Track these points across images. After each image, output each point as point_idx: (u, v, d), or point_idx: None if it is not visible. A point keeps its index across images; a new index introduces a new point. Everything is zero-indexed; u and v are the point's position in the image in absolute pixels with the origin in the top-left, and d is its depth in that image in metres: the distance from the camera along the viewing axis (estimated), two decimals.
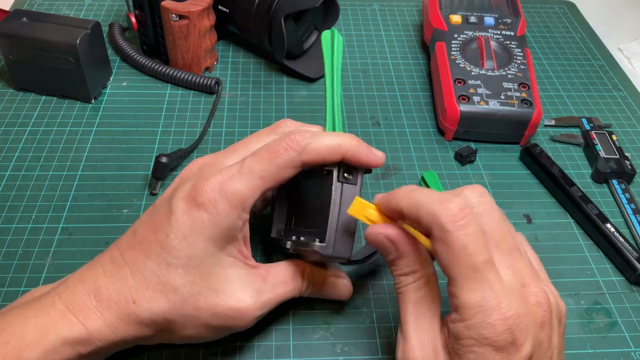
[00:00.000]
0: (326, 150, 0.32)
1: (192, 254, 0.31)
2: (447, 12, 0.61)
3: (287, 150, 0.32)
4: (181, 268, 0.31)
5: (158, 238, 0.31)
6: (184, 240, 0.31)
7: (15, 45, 0.51)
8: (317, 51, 0.61)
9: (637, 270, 0.42)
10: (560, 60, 0.65)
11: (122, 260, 0.32)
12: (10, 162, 0.49)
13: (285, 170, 0.32)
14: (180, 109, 0.55)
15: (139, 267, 0.31)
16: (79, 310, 0.30)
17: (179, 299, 0.31)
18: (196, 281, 0.31)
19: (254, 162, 0.32)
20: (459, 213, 0.27)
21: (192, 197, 0.31)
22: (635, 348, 0.39)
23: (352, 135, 0.34)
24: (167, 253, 0.31)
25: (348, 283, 0.38)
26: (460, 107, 0.51)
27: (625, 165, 0.50)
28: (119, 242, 0.33)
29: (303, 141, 0.32)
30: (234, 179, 0.31)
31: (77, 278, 0.32)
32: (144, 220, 0.33)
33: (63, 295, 0.31)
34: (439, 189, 0.48)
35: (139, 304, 0.31)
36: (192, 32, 0.55)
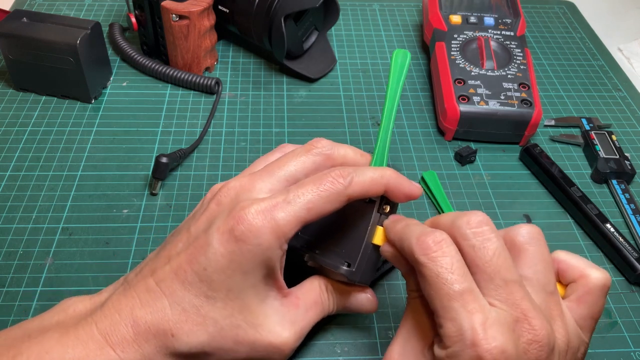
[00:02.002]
0: (370, 185, 0.32)
1: (231, 286, 0.30)
2: (447, 12, 0.61)
3: (334, 185, 0.31)
4: (220, 301, 0.30)
5: (195, 270, 0.30)
6: (222, 273, 0.30)
7: (15, 45, 0.51)
8: (317, 51, 0.61)
9: (637, 270, 0.42)
10: (560, 60, 0.65)
11: (158, 290, 0.30)
12: (11, 162, 0.49)
13: (331, 203, 0.31)
14: (180, 109, 0.55)
15: (177, 299, 0.30)
16: (117, 343, 0.29)
17: (218, 333, 0.30)
18: (235, 314, 0.31)
19: (300, 193, 0.31)
20: (433, 246, 0.28)
21: (231, 227, 0.30)
22: (635, 348, 0.39)
23: (392, 169, 0.34)
24: (206, 286, 0.30)
25: (372, 297, 0.37)
26: (460, 107, 0.51)
27: (625, 165, 0.50)
28: (152, 269, 0.32)
29: (348, 176, 0.32)
30: (279, 209, 0.30)
31: (113, 306, 0.30)
32: (178, 248, 0.32)
33: (100, 325, 0.30)
34: (439, 189, 0.48)
35: (178, 337, 0.30)
36: (192, 32, 0.55)
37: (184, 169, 0.49)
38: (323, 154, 0.34)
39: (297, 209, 0.30)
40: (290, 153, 0.35)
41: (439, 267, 0.28)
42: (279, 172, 0.33)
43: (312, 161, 0.34)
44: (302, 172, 0.33)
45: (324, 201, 0.31)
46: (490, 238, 0.29)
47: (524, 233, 0.30)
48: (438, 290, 0.27)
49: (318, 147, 0.34)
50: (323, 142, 0.35)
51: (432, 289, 0.28)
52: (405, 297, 0.41)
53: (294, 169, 0.33)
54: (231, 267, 0.30)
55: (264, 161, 0.36)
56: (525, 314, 0.27)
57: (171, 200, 0.46)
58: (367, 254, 0.34)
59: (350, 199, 0.32)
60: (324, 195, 0.31)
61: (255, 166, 0.36)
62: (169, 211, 0.45)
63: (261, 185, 0.32)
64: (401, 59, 0.38)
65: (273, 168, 0.33)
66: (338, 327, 0.39)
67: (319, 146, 0.35)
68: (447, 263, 0.28)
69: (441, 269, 0.27)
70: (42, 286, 0.40)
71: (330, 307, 0.36)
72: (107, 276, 0.41)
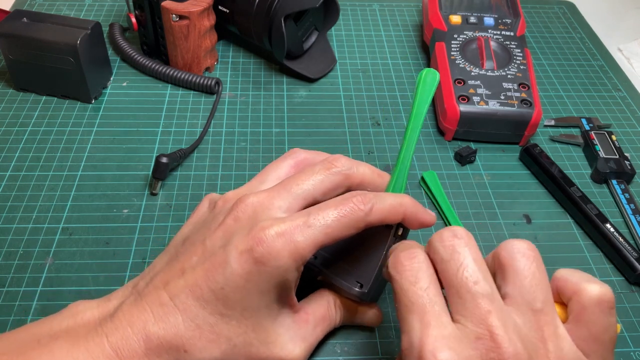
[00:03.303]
0: (389, 213, 0.32)
1: (247, 306, 0.30)
2: (447, 12, 0.61)
3: (355, 211, 0.31)
4: (235, 320, 0.30)
5: (212, 288, 0.30)
6: (238, 293, 0.30)
7: (16, 46, 0.51)
8: (317, 51, 0.61)
9: (637, 270, 0.42)
10: (560, 60, 0.65)
11: (172, 305, 0.30)
12: (11, 162, 0.49)
13: (349, 229, 0.31)
14: (181, 109, 0.55)
15: (191, 315, 0.30)
16: (128, 358, 0.29)
17: (231, 350, 0.30)
18: (248, 332, 0.31)
19: (321, 217, 0.31)
20: (404, 261, 0.28)
21: (251, 248, 0.29)
22: (635, 348, 0.39)
23: (410, 197, 0.34)
24: (222, 305, 0.30)
25: (378, 312, 0.37)
26: (460, 107, 0.51)
27: (625, 165, 0.50)
28: (164, 280, 0.31)
29: (369, 203, 0.31)
30: (298, 232, 0.30)
31: (125, 318, 0.30)
32: (193, 262, 0.31)
33: (111, 338, 0.29)
34: (439, 189, 0.48)
35: (191, 353, 0.30)
36: (192, 33, 0.55)
37: (184, 169, 0.49)
38: (342, 174, 0.34)
39: (316, 233, 0.30)
40: (308, 170, 0.34)
41: (404, 279, 0.28)
42: (297, 190, 0.32)
43: (330, 181, 0.33)
44: (321, 191, 0.33)
45: (344, 227, 0.31)
46: (459, 251, 0.28)
47: (509, 248, 0.28)
48: (400, 302, 0.27)
49: (337, 167, 0.34)
50: (342, 160, 0.34)
51: (397, 302, 0.28)
52: None
53: (313, 188, 0.33)
54: (247, 287, 0.30)
55: (274, 170, 0.36)
56: (491, 330, 0.25)
57: (171, 200, 0.46)
58: (380, 276, 0.34)
59: (368, 226, 0.32)
60: (344, 222, 0.31)
61: (266, 175, 0.36)
62: (169, 211, 0.45)
63: (280, 203, 0.32)
64: (430, 78, 0.36)
65: (291, 185, 0.33)
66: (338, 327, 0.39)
67: (338, 165, 0.34)
68: (412, 276, 0.28)
69: (405, 282, 0.28)
70: (42, 286, 0.40)
71: (337, 321, 0.36)
72: (107, 276, 0.41)
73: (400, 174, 0.35)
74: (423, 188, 0.49)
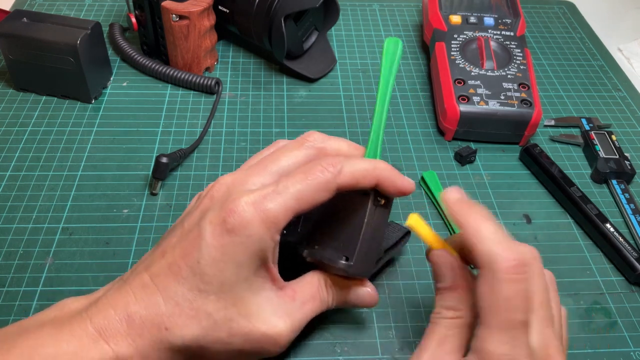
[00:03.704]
0: (361, 175, 0.32)
1: (224, 279, 0.30)
2: (447, 13, 0.61)
3: (323, 173, 0.31)
4: (213, 294, 0.30)
5: (188, 263, 0.30)
6: (215, 266, 0.30)
7: (16, 46, 0.51)
8: (317, 51, 0.61)
9: (637, 270, 0.42)
10: (560, 60, 0.65)
11: (153, 286, 0.31)
12: (11, 162, 0.49)
13: (320, 193, 0.31)
14: (181, 109, 0.55)
15: (171, 293, 0.30)
16: (111, 337, 0.29)
17: (211, 325, 0.30)
18: (228, 307, 0.31)
19: (289, 183, 0.31)
20: (517, 267, 0.28)
21: (223, 220, 0.30)
22: (634, 348, 0.39)
23: (384, 162, 0.34)
24: (199, 279, 0.30)
25: (372, 291, 0.36)
26: (460, 107, 0.51)
27: (625, 165, 0.50)
28: (147, 265, 0.32)
29: (338, 164, 0.32)
30: (268, 199, 0.30)
31: (108, 301, 0.31)
32: (173, 243, 0.32)
33: (95, 320, 0.30)
34: (438, 189, 0.48)
35: (172, 330, 0.30)
36: (192, 33, 0.55)
37: (184, 169, 0.49)
38: (315, 147, 0.34)
39: (286, 198, 0.30)
40: (282, 147, 0.35)
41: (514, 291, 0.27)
42: (271, 167, 0.33)
43: (304, 154, 0.34)
44: (295, 166, 0.33)
45: (314, 190, 0.31)
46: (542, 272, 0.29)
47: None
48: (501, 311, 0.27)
49: (310, 141, 0.35)
50: (315, 135, 0.35)
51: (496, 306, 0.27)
52: (405, 297, 0.41)
53: (286, 164, 0.33)
54: (224, 260, 0.30)
55: (256, 157, 0.36)
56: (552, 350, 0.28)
57: (171, 200, 0.46)
58: (365, 247, 0.34)
59: (341, 189, 0.32)
60: (313, 184, 0.31)
61: (248, 162, 0.36)
62: (169, 211, 0.45)
63: (254, 180, 0.33)
64: (393, 47, 0.37)
65: (266, 163, 0.34)
66: (338, 327, 0.39)
67: (311, 140, 0.35)
68: (521, 291, 0.27)
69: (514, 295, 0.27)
70: (42, 286, 0.40)
71: (329, 302, 0.35)
72: (107, 276, 0.41)
73: (373, 143, 0.36)
74: (423, 188, 0.49)
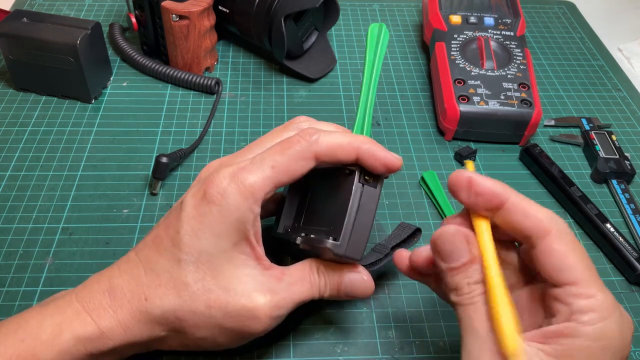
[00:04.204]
0: (338, 145, 0.32)
1: (203, 249, 0.31)
2: (447, 12, 0.61)
3: (299, 142, 0.32)
4: (192, 264, 0.31)
5: (170, 234, 0.31)
6: (194, 236, 0.31)
7: (16, 46, 0.51)
8: (317, 51, 0.61)
9: (637, 270, 0.42)
10: (560, 60, 0.65)
11: (136, 259, 0.32)
12: (11, 162, 0.49)
13: (297, 162, 0.31)
14: (181, 109, 0.55)
15: (152, 265, 0.31)
16: (93, 309, 0.30)
17: (189, 296, 0.31)
18: (207, 278, 0.31)
19: (266, 154, 0.32)
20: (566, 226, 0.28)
21: (202, 191, 0.31)
22: (635, 348, 0.39)
23: (367, 137, 0.33)
24: (178, 249, 0.31)
25: (367, 278, 0.35)
26: (460, 107, 0.51)
27: (625, 165, 0.50)
28: (136, 246, 0.34)
29: (315, 134, 0.32)
30: (245, 170, 0.31)
31: (94, 278, 0.32)
32: (160, 221, 0.34)
33: (80, 295, 0.31)
34: (439, 189, 0.48)
35: (151, 300, 0.31)
36: (192, 33, 0.55)
37: (184, 169, 0.49)
38: (300, 129, 0.34)
39: (263, 167, 0.31)
40: (269, 132, 0.36)
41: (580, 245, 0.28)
42: (255, 149, 0.34)
43: (287, 135, 0.34)
44: None
45: (290, 159, 0.31)
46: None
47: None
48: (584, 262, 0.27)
49: (295, 123, 0.36)
50: (302, 118, 0.36)
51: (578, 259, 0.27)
52: (405, 297, 0.41)
53: (270, 144, 0.34)
54: (202, 229, 0.31)
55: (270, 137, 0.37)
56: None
57: (171, 200, 0.46)
58: (352, 225, 0.32)
59: (318, 159, 0.32)
60: (289, 153, 0.31)
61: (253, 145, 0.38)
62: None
63: (239, 160, 0.33)
64: (377, 31, 0.38)
65: (251, 146, 0.35)
66: (338, 327, 0.39)
67: (297, 122, 0.36)
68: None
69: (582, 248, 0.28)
70: (42, 286, 0.40)
71: (321, 287, 0.34)
72: None
73: (359, 126, 0.36)
74: (423, 188, 0.49)
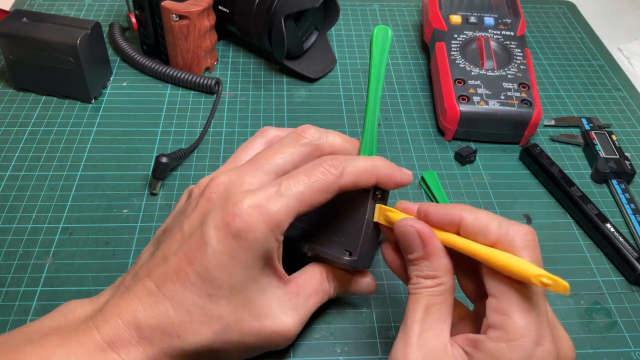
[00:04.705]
0: (362, 176, 0.32)
1: (234, 282, 0.30)
2: (447, 12, 0.61)
3: (326, 175, 0.31)
4: (224, 298, 0.30)
5: (196, 270, 0.30)
6: (223, 271, 0.30)
7: (15, 45, 0.51)
8: (317, 51, 0.61)
9: (637, 270, 0.42)
10: (560, 60, 0.65)
11: (159, 293, 0.30)
12: (11, 162, 0.49)
13: (322, 194, 0.31)
14: (180, 109, 0.55)
15: (180, 301, 0.30)
16: (121, 347, 0.29)
17: (223, 329, 0.30)
18: (239, 309, 0.31)
19: (292, 185, 0.31)
20: (530, 235, 0.28)
21: (227, 224, 0.29)
22: (635, 348, 0.39)
23: (382, 158, 0.34)
24: (209, 285, 0.30)
25: (371, 280, 0.37)
26: (460, 107, 0.51)
27: (625, 165, 0.50)
28: (148, 270, 0.31)
29: (340, 166, 0.31)
30: (272, 202, 0.30)
31: (114, 311, 0.30)
32: (174, 248, 0.31)
33: (102, 330, 0.29)
34: (439, 189, 0.48)
35: (184, 337, 0.30)
36: (192, 32, 0.55)
37: (184, 169, 0.49)
38: (312, 145, 0.34)
39: (290, 201, 0.30)
40: (277, 144, 0.34)
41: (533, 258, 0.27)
42: (267, 166, 0.33)
43: (300, 152, 0.33)
44: (291, 164, 0.33)
45: (316, 192, 0.31)
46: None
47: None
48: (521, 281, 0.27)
49: (306, 137, 0.34)
50: (311, 130, 0.34)
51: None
52: (405, 297, 0.41)
53: (282, 162, 0.33)
54: (232, 264, 0.30)
55: (246, 150, 0.36)
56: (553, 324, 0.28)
57: (171, 200, 0.46)
58: (367, 240, 0.34)
59: (342, 190, 0.32)
60: (316, 187, 0.31)
61: (238, 156, 0.36)
62: (169, 211, 0.45)
63: (251, 180, 0.32)
64: (382, 36, 0.35)
65: (261, 161, 0.33)
66: (338, 327, 0.39)
67: (307, 136, 0.34)
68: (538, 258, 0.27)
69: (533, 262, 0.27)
70: (42, 286, 0.40)
71: (331, 293, 0.36)
72: (107, 276, 0.41)
73: (369, 138, 0.35)
74: (423, 188, 0.49)
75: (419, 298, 0.29)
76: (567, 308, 0.41)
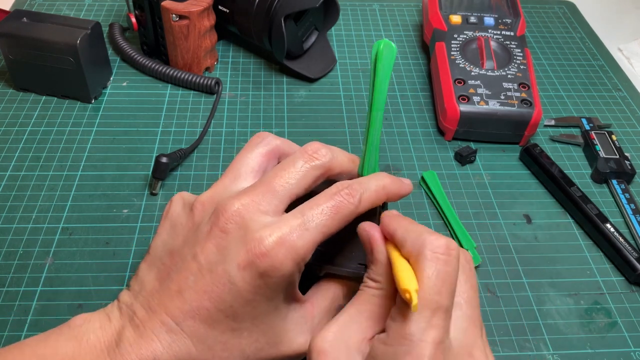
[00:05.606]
0: (376, 199, 0.33)
1: (257, 314, 0.30)
2: (447, 12, 0.61)
3: (346, 205, 0.31)
4: (246, 331, 0.30)
5: (219, 308, 0.29)
6: (248, 306, 0.30)
7: (15, 45, 0.51)
8: (317, 51, 0.61)
9: (637, 270, 0.42)
10: (560, 60, 0.65)
11: (178, 330, 0.29)
12: (11, 162, 0.49)
13: (341, 223, 0.31)
14: (180, 109, 0.55)
15: (201, 338, 0.29)
16: None
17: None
18: (259, 338, 0.31)
19: (315, 217, 0.30)
20: (445, 248, 0.28)
21: (252, 263, 0.29)
22: (635, 348, 0.39)
23: (387, 174, 0.34)
24: (232, 320, 0.30)
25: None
26: (460, 107, 0.51)
27: (625, 165, 0.50)
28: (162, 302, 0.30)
29: (357, 194, 0.32)
30: (296, 236, 0.29)
31: (133, 351, 0.29)
32: (189, 281, 0.30)
33: None
34: (439, 189, 0.48)
35: None
36: (192, 32, 0.55)
37: (184, 169, 0.49)
38: (325, 167, 0.33)
39: (314, 233, 0.30)
40: (289, 165, 0.33)
41: (437, 271, 0.27)
42: (281, 191, 0.31)
43: (312, 175, 0.33)
44: (303, 187, 0.32)
45: (337, 222, 0.31)
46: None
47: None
48: (422, 290, 0.27)
49: (319, 159, 0.33)
50: (322, 151, 0.33)
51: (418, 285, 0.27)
52: None
53: (297, 186, 0.32)
54: (256, 299, 0.30)
55: (245, 160, 0.35)
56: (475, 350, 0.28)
57: None
58: None
59: (358, 215, 0.32)
60: (337, 217, 0.31)
61: (238, 168, 0.34)
62: None
63: (266, 208, 0.31)
64: (387, 53, 0.33)
65: (274, 185, 0.32)
66: None
67: (319, 157, 0.33)
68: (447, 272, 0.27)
69: (437, 275, 0.27)
70: (42, 286, 0.40)
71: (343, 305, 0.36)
72: (107, 276, 0.41)
73: (371, 155, 0.35)
74: (423, 188, 0.49)
75: (360, 294, 0.31)
76: (567, 308, 0.41)
